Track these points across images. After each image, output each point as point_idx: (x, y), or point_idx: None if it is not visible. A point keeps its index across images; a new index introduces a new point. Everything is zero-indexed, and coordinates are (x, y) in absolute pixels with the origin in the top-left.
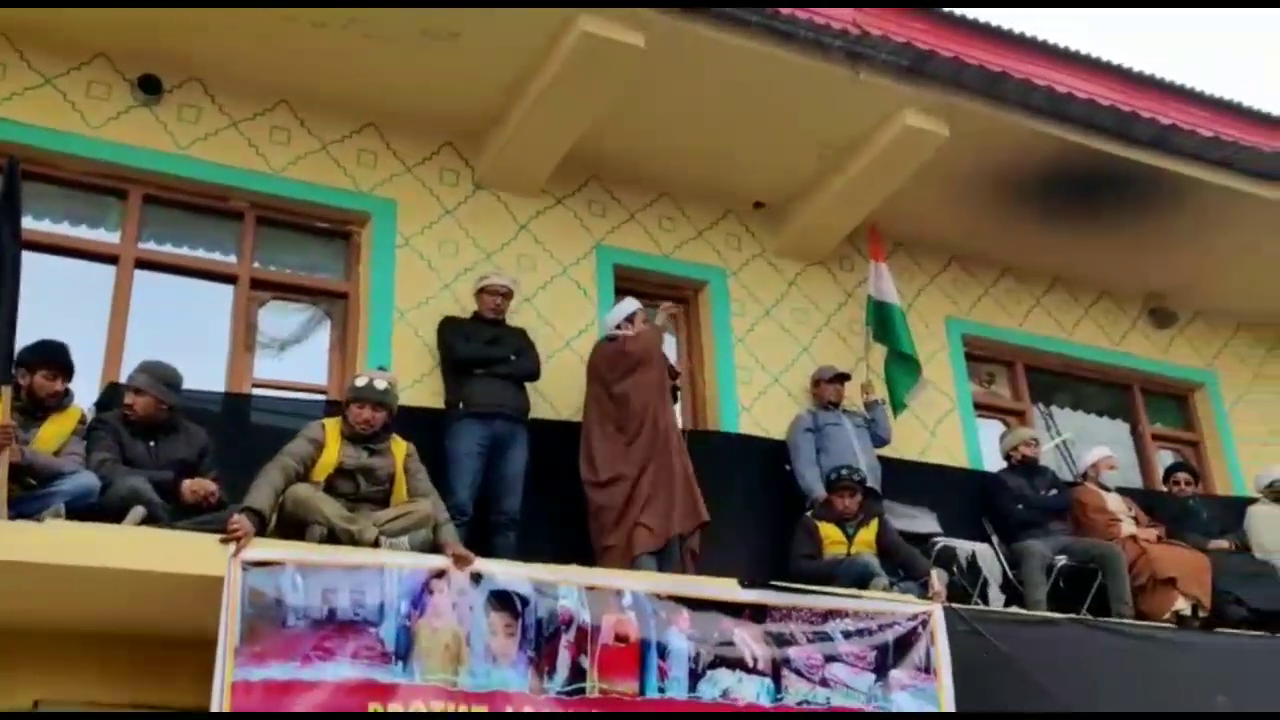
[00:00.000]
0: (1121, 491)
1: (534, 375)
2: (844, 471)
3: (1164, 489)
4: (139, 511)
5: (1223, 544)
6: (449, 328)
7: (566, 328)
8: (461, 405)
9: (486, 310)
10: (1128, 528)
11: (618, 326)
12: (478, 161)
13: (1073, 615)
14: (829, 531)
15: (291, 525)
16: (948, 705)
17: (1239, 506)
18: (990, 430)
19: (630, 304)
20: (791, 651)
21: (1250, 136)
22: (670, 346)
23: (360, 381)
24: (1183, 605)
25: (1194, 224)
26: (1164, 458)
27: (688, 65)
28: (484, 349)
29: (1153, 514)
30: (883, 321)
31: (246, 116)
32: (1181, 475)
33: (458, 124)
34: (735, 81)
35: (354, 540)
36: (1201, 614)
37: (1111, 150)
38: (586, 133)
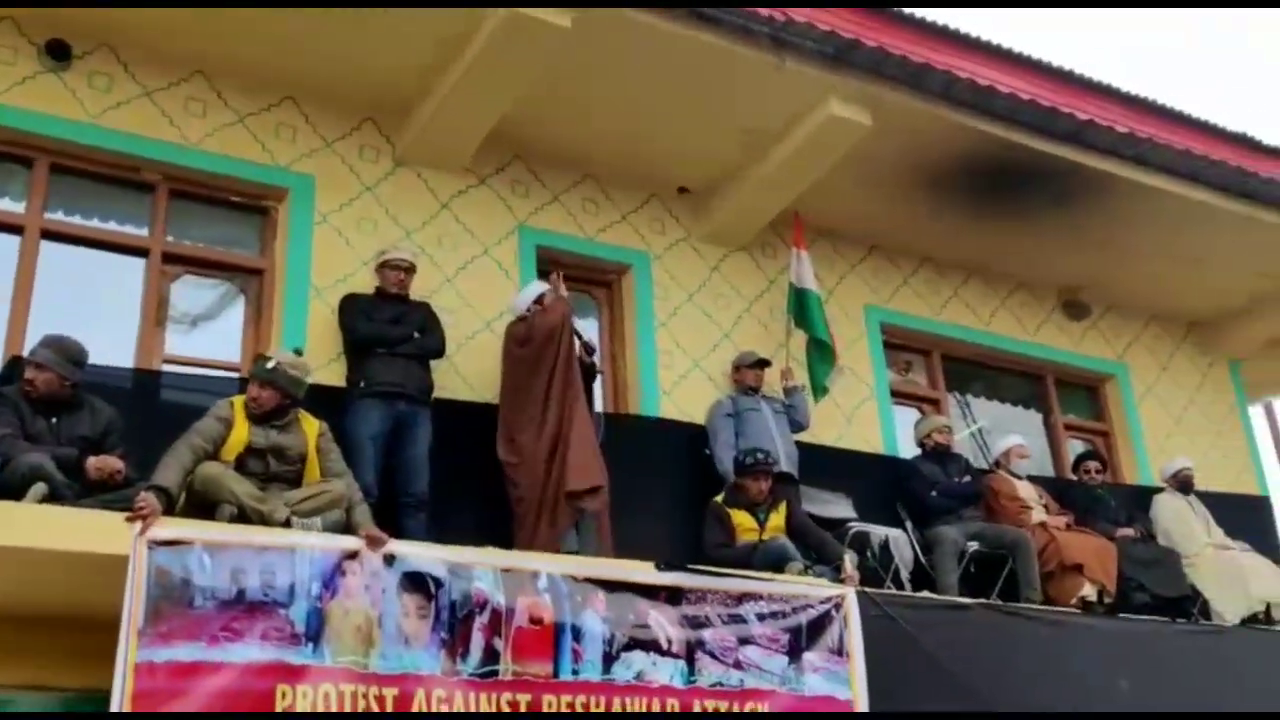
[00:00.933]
0: (1033, 479)
1: (439, 353)
2: (759, 455)
3: (1074, 477)
4: (40, 488)
5: (1129, 532)
6: (349, 305)
7: (487, 309)
8: (363, 384)
9: (389, 286)
10: (1038, 515)
11: (527, 309)
12: (399, 138)
13: (982, 600)
14: (740, 518)
15: (200, 505)
16: (859, 687)
17: (1145, 495)
18: (906, 418)
19: (538, 286)
20: (706, 634)
21: (1164, 134)
22: (591, 329)
23: (260, 361)
24: (1089, 591)
25: (1109, 219)
26: (1075, 447)
27: (614, 48)
28: (386, 327)
29: (1062, 502)
30: (802, 308)
31: (160, 86)
32: (1091, 464)
33: (379, 100)
34: (662, 66)
35: (264, 520)
36: (1107, 599)
37: (1031, 144)
38: (511, 112)
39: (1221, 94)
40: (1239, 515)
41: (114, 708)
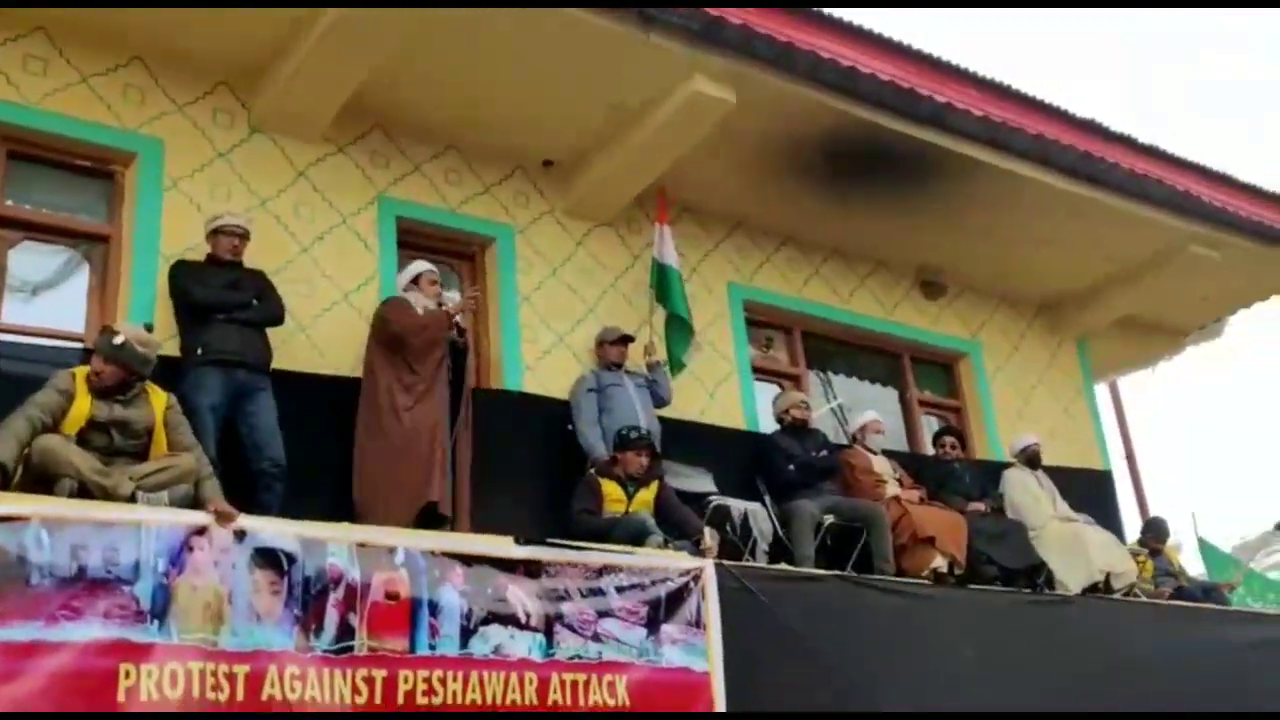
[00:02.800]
0: (888, 454)
1: (278, 319)
2: (641, 431)
3: (931, 452)
4: None
5: (980, 506)
6: (183, 271)
7: (345, 280)
8: (200, 352)
9: (223, 252)
10: (892, 489)
11: (405, 289)
12: (254, 104)
13: (837, 572)
14: (610, 489)
15: (39, 479)
16: (716, 658)
17: (997, 471)
18: (768, 393)
19: (418, 265)
20: (565, 607)
21: (1019, 118)
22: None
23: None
24: (940, 563)
25: (965, 201)
26: (930, 423)
27: (478, 15)
28: (224, 293)
29: (917, 476)
30: (664, 284)
31: None
32: (948, 439)
33: (233, 64)
34: (526, 36)
35: (108, 495)
36: (957, 571)
37: (891, 125)
38: (371, 80)
39: (1072, 81)
40: (1083, 489)
41: None
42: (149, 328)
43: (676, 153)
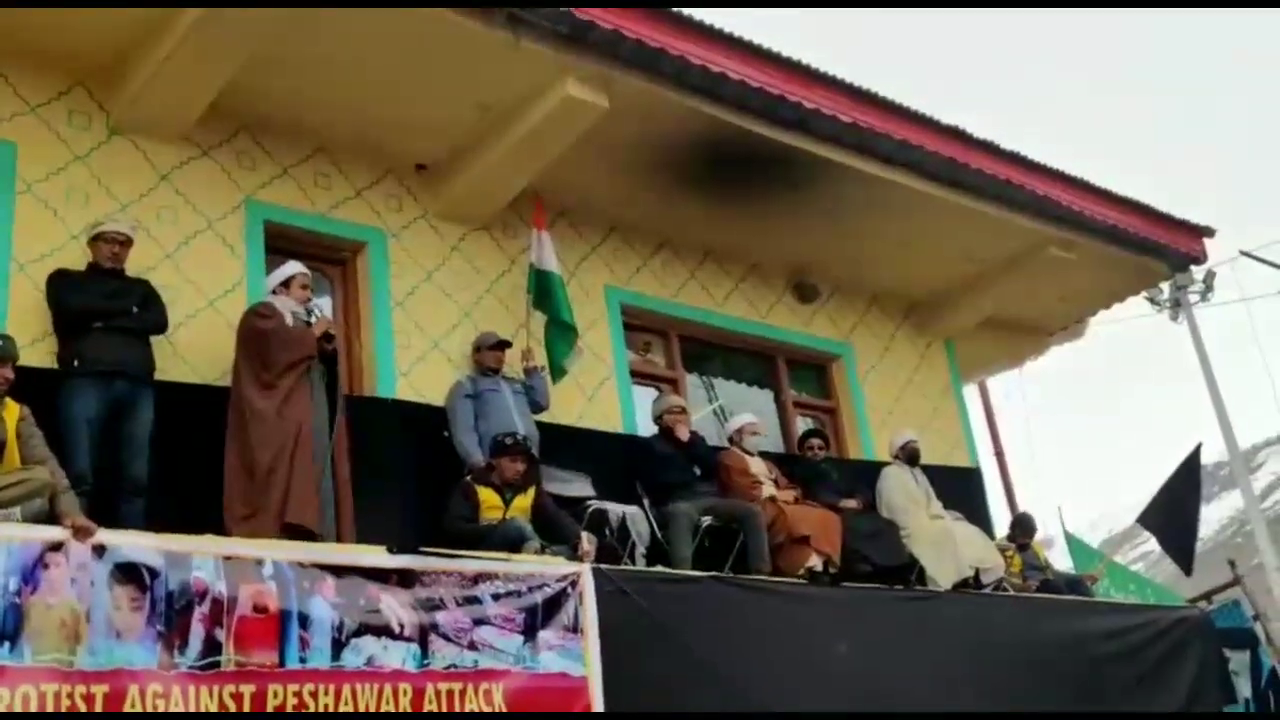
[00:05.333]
0: (764, 455)
1: (160, 328)
2: (518, 437)
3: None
4: None
5: (851, 503)
6: (60, 280)
7: (211, 286)
8: (76, 363)
9: (104, 259)
10: (768, 490)
11: (273, 291)
12: (113, 105)
13: (713, 573)
14: (487, 496)
15: None
16: (594, 663)
17: (868, 469)
18: (646, 397)
19: (291, 267)
20: (440, 616)
21: (884, 124)
22: (326, 309)
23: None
24: (815, 562)
25: (834, 204)
26: (805, 424)
27: (343, 14)
28: (102, 301)
29: (790, 477)
30: (543, 289)
31: None
32: (814, 441)
33: (90, 63)
34: (393, 36)
35: None
36: (832, 569)
37: (760, 130)
38: (236, 81)
39: (939, 88)
40: (953, 486)
41: None
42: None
43: (550, 156)
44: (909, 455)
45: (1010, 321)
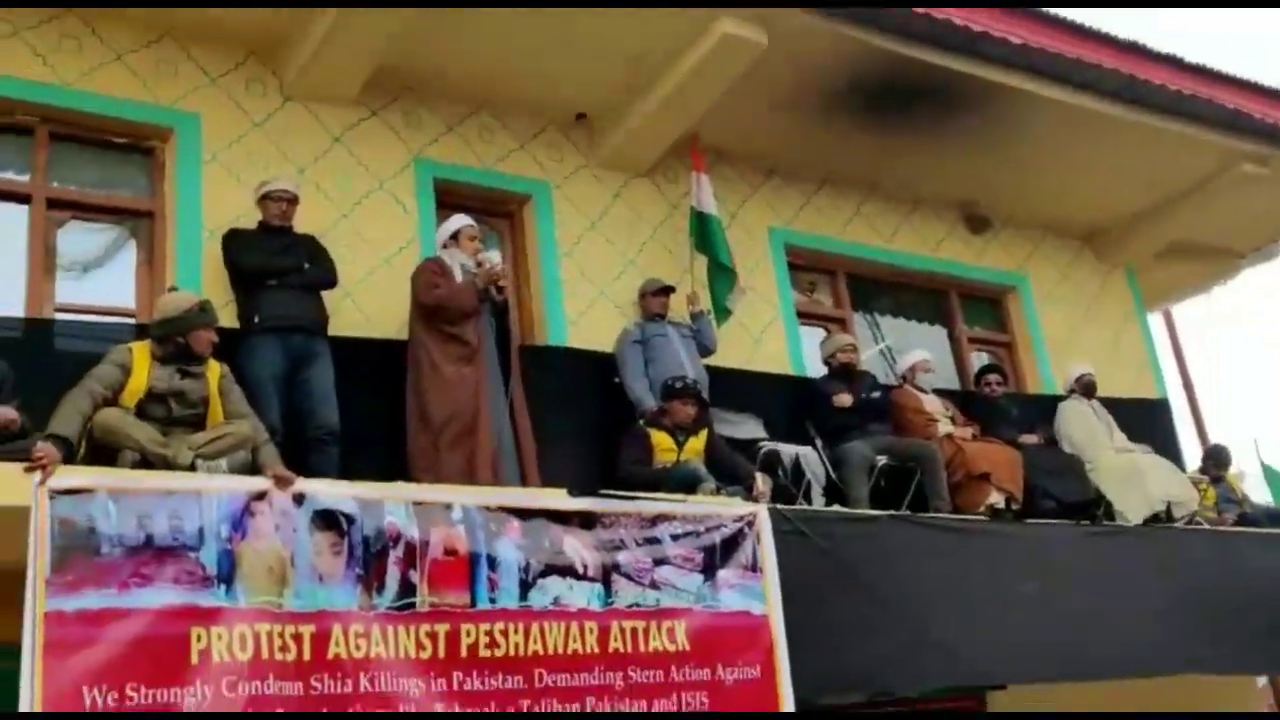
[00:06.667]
0: (938, 393)
1: (331, 283)
2: (688, 381)
3: (976, 390)
4: None
5: (1032, 438)
6: (234, 240)
7: (385, 243)
8: (256, 320)
9: (272, 218)
10: (944, 427)
11: (443, 245)
12: (285, 72)
13: (892, 512)
14: (660, 439)
15: (102, 452)
16: (774, 600)
17: (1048, 403)
18: (813, 337)
19: (457, 221)
20: (621, 556)
21: (1056, 43)
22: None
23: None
24: (996, 499)
25: (1005, 131)
26: (980, 359)
27: None
28: (274, 259)
29: (968, 413)
30: (704, 232)
31: (31, 24)
32: (991, 377)
33: (261, 34)
34: None
35: (168, 465)
36: (1014, 506)
37: (925, 58)
38: (398, 43)
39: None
40: (1139, 419)
41: (25, 658)
42: (174, 288)
43: (709, 98)
44: (1085, 388)
45: (1197, 245)
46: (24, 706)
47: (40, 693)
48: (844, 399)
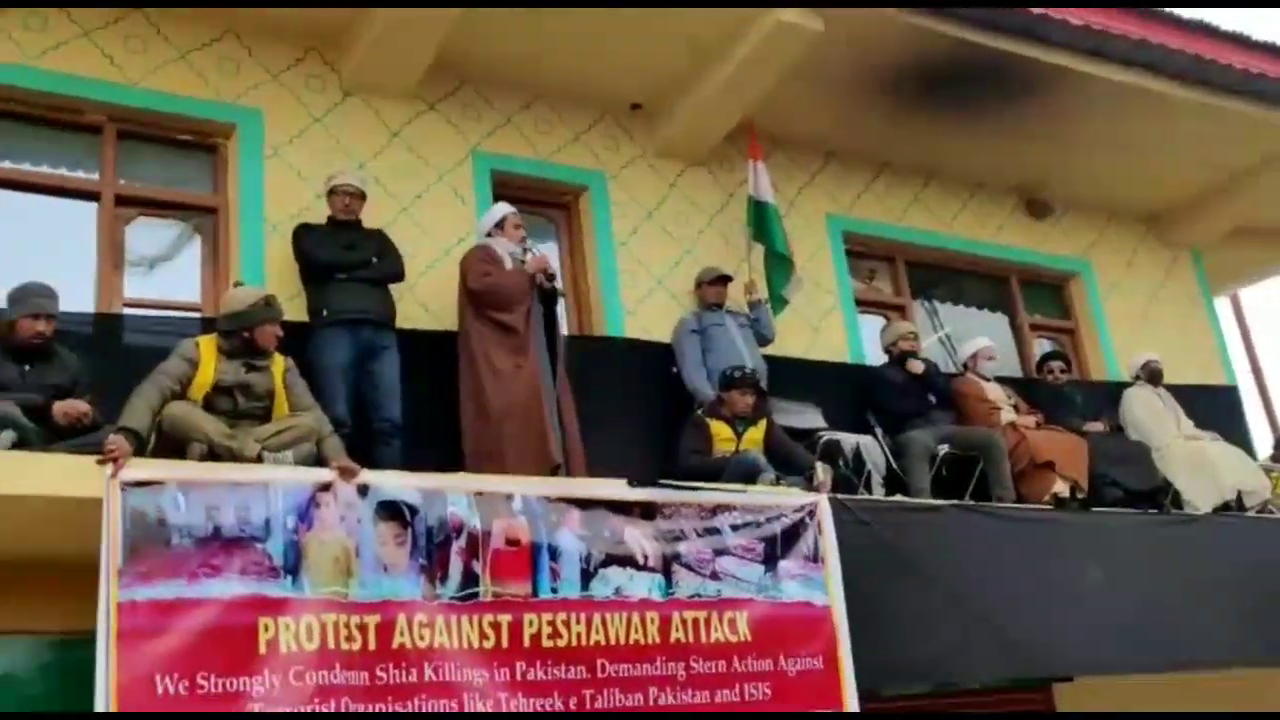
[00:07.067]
0: (1001, 380)
1: (398, 276)
2: (746, 370)
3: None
4: (8, 435)
5: (1098, 425)
6: (303, 234)
7: (446, 236)
8: (324, 313)
9: (339, 212)
10: (1007, 415)
11: (488, 234)
12: (344, 67)
13: (955, 501)
14: (719, 429)
15: (171, 445)
16: (836, 590)
17: (1113, 390)
18: (873, 326)
19: (500, 209)
20: (681, 547)
21: (1118, 25)
22: (551, 252)
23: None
24: (1061, 487)
25: (1066, 114)
26: (1042, 346)
27: None
28: (342, 253)
29: (1031, 401)
30: (761, 220)
31: (98, 25)
32: (1055, 363)
33: (320, 29)
34: None
35: (235, 457)
36: (1079, 495)
37: (984, 41)
38: (453, 36)
39: None
40: (1208, 406)
41: (100, 647)
42: (239, 283)
43: (764, 86)
44: (1150, 375)
45: (1265, 228)
46: (99, 694)
47: (115, 680)
48: (916, 365)
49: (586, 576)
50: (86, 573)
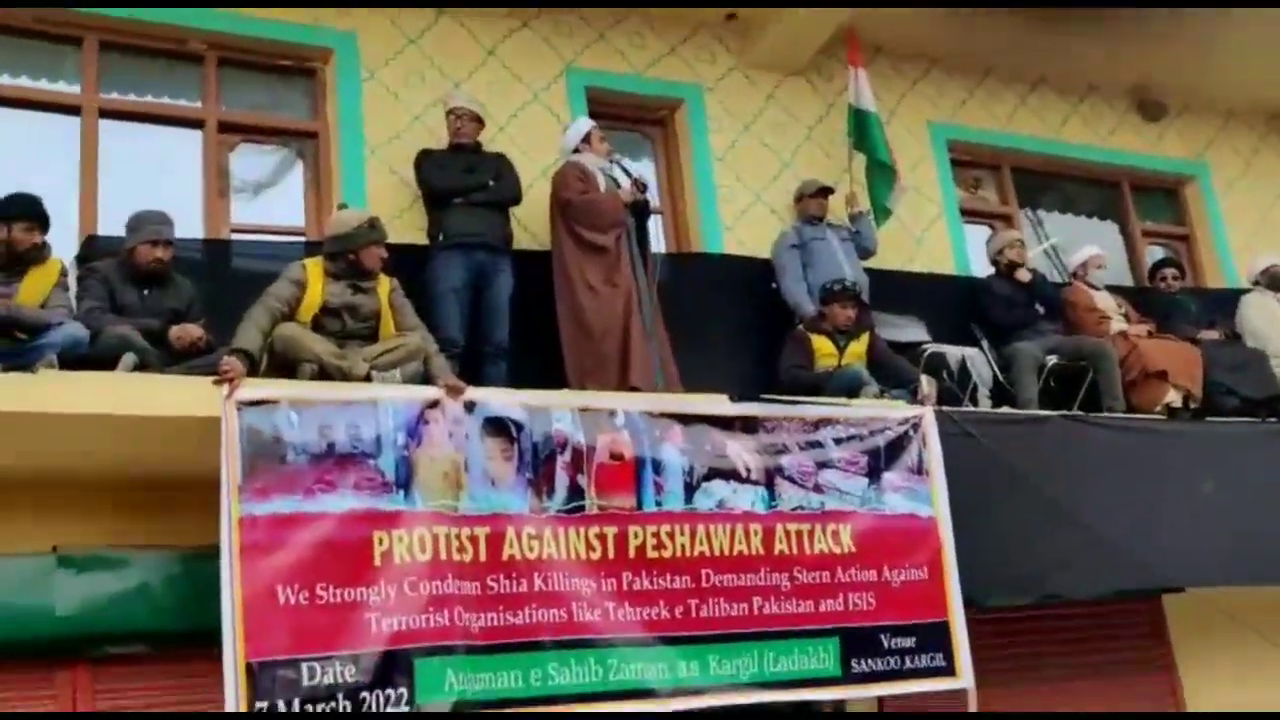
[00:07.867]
0: (1111, 289)
1: (515, 200)
2: (845, 284)
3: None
4: (130, 359)
5: (1212, 334)
6: (425, 159)
7: (543, 155)
8: (441, 237)
9: (453, 135)
10: (1118, 324)
11: (575, 150)
12: None
13: (1063, 412)
14: (821, 344)
15: (282, 365)
16: (941, 503)
17: (1229, 297)
18: (977, 236)
19: (583, 124)
20: (784, 460)
21: None
22: (647, 169)
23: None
24: (1173, 397)
25: (1178, 10)
26: (1155, 253)
27: None
28: (460, 177)
29: (1142, 310)
30: (862, 130)
31: None
32: (1168, 271)
33: None
34: None
35: (345, 376)
36: (1192, 405)
37: None
38: None
39: None
40: None
41: (224, 560)
42: (344, 205)
43: None
44: (1271, 280)
45: None
46: (225, 604)
47: (239, 591)
48: (1023, 274)
49: (690, 489)
50: (210, 490)
